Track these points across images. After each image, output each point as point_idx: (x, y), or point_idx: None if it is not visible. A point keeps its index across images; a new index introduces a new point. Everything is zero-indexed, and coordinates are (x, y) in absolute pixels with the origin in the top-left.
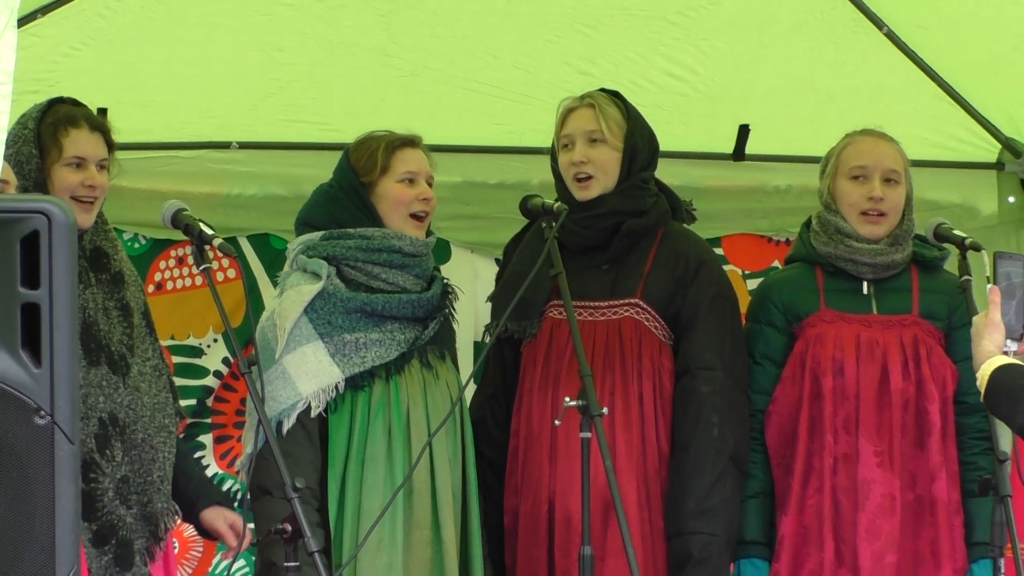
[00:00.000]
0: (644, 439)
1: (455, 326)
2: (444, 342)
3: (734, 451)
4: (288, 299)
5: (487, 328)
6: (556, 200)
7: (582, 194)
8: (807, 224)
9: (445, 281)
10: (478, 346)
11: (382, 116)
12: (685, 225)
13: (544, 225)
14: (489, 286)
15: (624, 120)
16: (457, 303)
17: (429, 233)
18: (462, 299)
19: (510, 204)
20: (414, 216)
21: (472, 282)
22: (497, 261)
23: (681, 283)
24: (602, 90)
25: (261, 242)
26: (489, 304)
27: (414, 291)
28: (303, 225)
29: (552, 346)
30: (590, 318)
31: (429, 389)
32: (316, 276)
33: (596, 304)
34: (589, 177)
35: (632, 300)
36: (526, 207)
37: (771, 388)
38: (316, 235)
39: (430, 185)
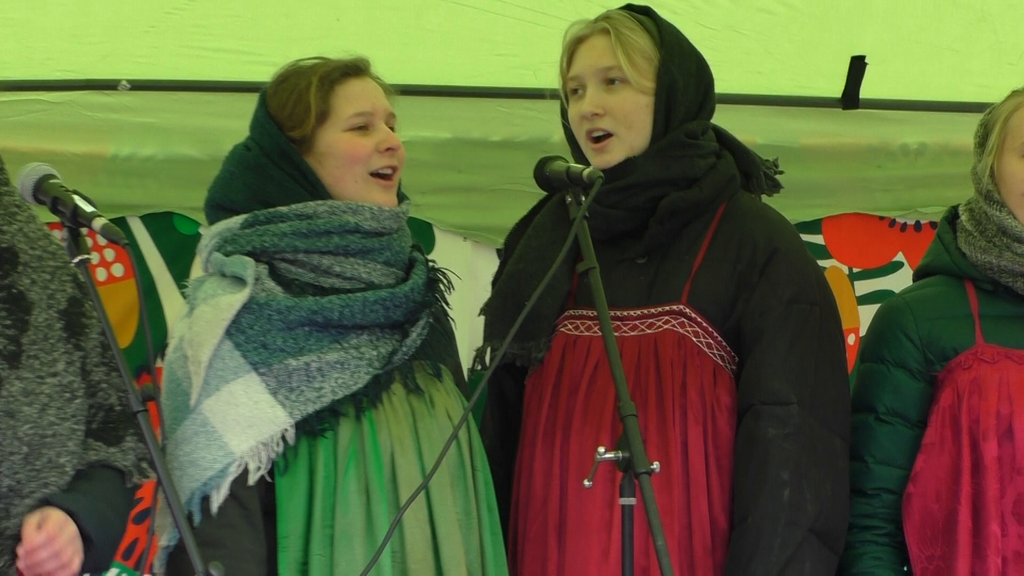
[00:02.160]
0: (691, 506)
1: (453, 326)
2: (438, 352)
3: (818, 521)
4: (201, 318)
5: (477, 354)
6: (585, 167)
7: (600, 159)
8: (949, 219)
9: (431, 264)
10: (471, 378)
11: (334, 43)
12: (764, 198)
13: (569, 200)
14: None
15: (655, 49)
16: (452, 294)
17: (402, 198)
18: (450, 309)
19: (520, 171)
20: (378, 176)
21: (466, 283)
22: (500, 253)
23: (745, 281)
24: (627, 7)
25: (162, 225)
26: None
27: (385, 285)
28: (216, 209)
29: (564, 374)
30: (616, 333)
31: (422, 424)
32: (239, 281)
33: (625, 313)
34: (607, 135)
35: (675, 306)
36: (543, 175)
37: (903, 459)
38: (235, 221)
39: (392, 128)
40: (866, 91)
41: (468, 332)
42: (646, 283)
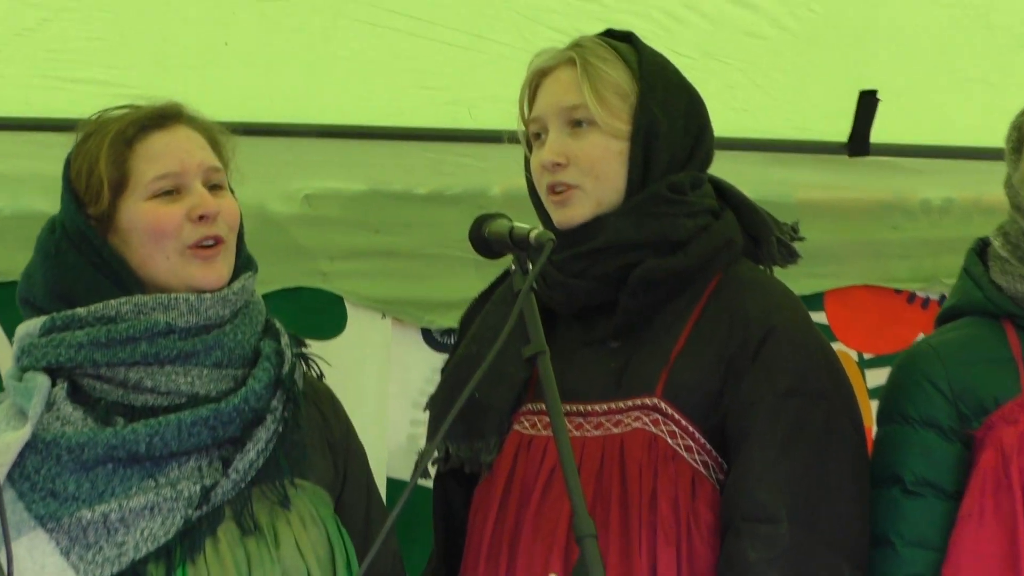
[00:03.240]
0: None
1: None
2: (294, 468)
3: None
4: None
5: (421, 457)
6: (533, 228)
7: (562, 215)
8: (978, 251)
9: (282, 345)
10: (394, 485)
11: (220, 73)
12: (775, 268)
13: (513, 269)
14: (417, 380)
15: (632, 82)
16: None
17: (245, 266)
18: (364, 402)
19: (452, 231)
20: (197, 248)
21: (383, 370)
22: (429, 335)
23: (734, 367)
24: (605, 33)
25: (8, 297)
26: (425, 415)
27: (215, 395)
28: (23, 305)
29: (514, 481)
30: (576, 432)
31: (258, 573)
32: (21, 413)
33: (589, 408)
34: (569, 187)
35: (647, 400)
36: (481, 236)
37: (939, 538)
38: (35, 325)
39: (217, 187)
40: (878, 134)
41: (384, 433)
42: (616, 370)
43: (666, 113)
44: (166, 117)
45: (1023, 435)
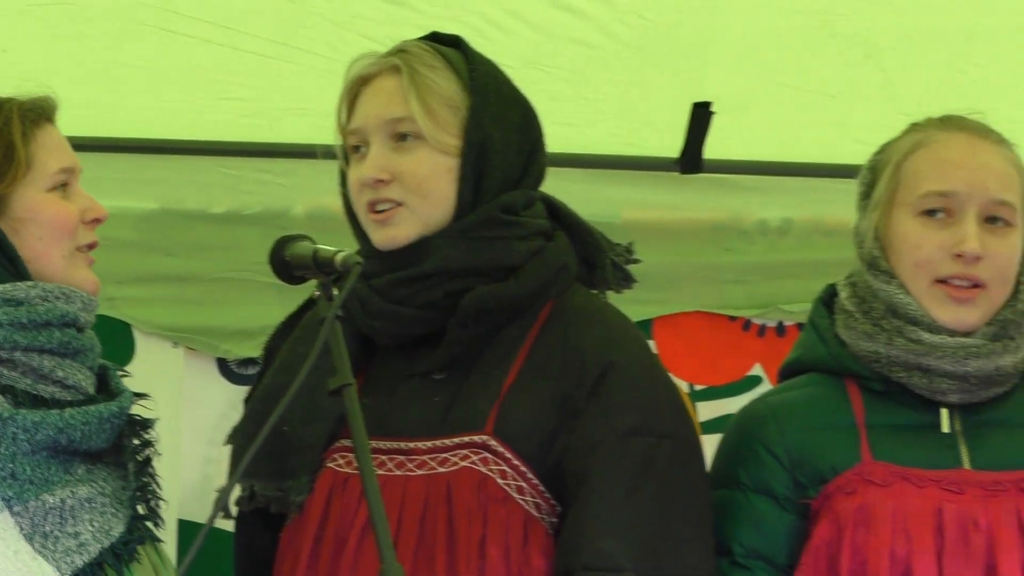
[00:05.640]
0: None
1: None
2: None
3: None
4: None
5: (220, 494)
6: (339, 251)
7: (383, 234)
8: (826, 300)
9: (120, 372)
10: (188, 528)
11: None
12: (607, 294)
13: (317, 294)
14: (211, 414)
15: (463, 93)
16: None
17: None
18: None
19: (251, 254)
20: (84, 252)
21: (175, 403)
22: (225, 366)
23: (570, 405)
24: (430, 37)
25: None
26: (221, 452)
27: (98, 398)
28: None
29: (328, 524)
30: (398, 471)
31: None
32: None
33: (412, 445)
34: (394, 204)
35: (477, 437)
36: (282, 260)
37: None
38: None
39: None
40: (712, 149)
41: (179, 471)
42: (442, 405)
43: (500, 128)
44: (52, 113)
45: (860, 508)
